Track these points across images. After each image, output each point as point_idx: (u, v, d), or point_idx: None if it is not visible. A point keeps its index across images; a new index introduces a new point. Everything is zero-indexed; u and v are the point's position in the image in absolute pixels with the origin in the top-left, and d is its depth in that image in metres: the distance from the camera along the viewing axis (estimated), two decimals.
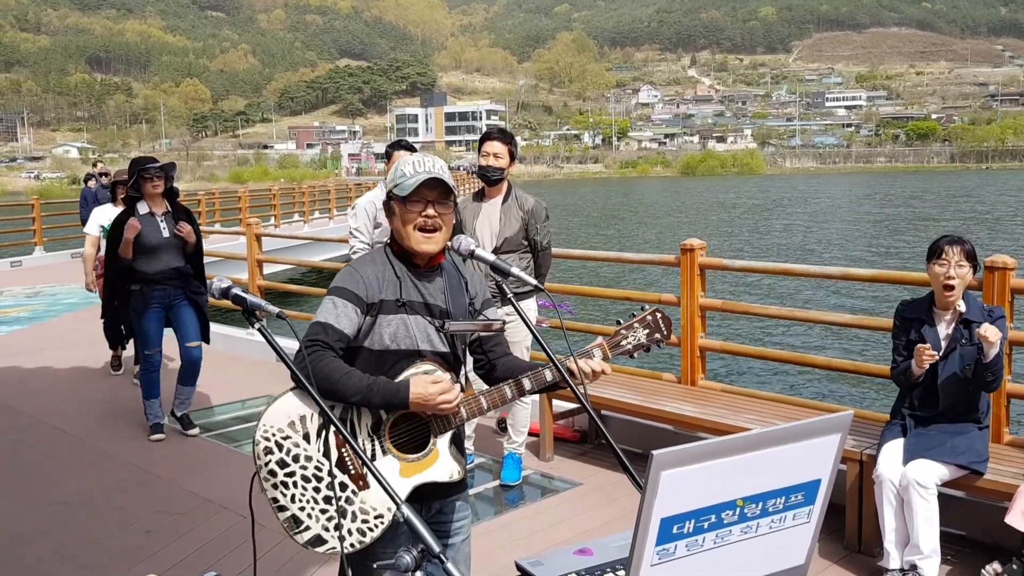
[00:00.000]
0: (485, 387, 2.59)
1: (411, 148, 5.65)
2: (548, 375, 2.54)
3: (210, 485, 5.49)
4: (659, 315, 2.66)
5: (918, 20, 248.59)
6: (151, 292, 6.21)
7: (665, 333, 2.65)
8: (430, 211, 2.51)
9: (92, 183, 15.04)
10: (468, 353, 2.74)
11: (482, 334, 2.68)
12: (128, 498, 5.35)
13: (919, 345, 3.96)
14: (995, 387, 4.00)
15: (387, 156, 5.69)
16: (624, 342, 2.63)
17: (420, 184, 2.49)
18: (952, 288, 4.00)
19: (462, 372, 2.67)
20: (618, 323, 2.66)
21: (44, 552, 4.58)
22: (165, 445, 6.43)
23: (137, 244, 6.14)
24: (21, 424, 6.98)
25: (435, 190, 2.52)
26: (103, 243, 7.22)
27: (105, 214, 7.56)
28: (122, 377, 8.62)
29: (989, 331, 3.81)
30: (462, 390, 2.57)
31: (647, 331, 2.63)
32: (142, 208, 6.24)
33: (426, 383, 2.41)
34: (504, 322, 2.66)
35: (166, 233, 6.21)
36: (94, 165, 17.95)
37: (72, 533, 4.83)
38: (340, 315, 2.46)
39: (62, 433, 6.70)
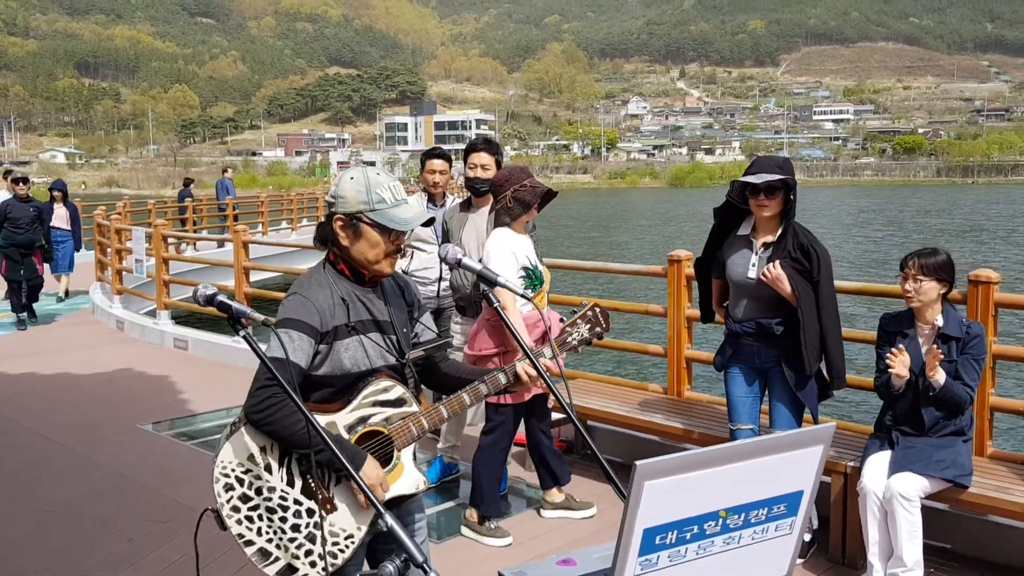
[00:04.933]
0: (445, 395, 2.63)
1: (446, 157, 5.72)
2: (502, 378, 2.60)
3: (194, 493, 5.46)
4: (598, 309, 2.80)
5: (905, 35, 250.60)
6: (738, 347, 4.34)
7: (604, 326, 2.79)
8: (400, 239, 2.54)
9: (21, 188, 11.95)
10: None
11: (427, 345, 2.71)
12: (111, 505, 5.31)
13: (891, 352, 3.99)
14: (958, 410, 4.01)
15: (421, 164, 5.75)
16: (569, 339, 2.76)
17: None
18: (911, 302, 4.05)
19: (412, 380, 2.68)
20: (561, 320, 2.78)
21: (27, 559, 4.55)
22: (148, 453, 6.39)
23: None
24: (4, 430, 6.92)
25: None
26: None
27: (512, 245, 4.59)
28: (109, 383, 8.57)
29: (937, 373, 3.91)
30: (417, 401, 2.59)
31: (588, 325, 2.80)
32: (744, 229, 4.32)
33: (375, 467, 2.42)
34: (452, 337, 2.72)
35: (752, 273, 4.20)
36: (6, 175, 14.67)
37: (55, 540, 4.79)
38: (297, 349, 2.41)
39: (45, 440, 6.65)
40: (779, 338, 4.17)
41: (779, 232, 4.17)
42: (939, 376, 3.91)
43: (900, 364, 3.95)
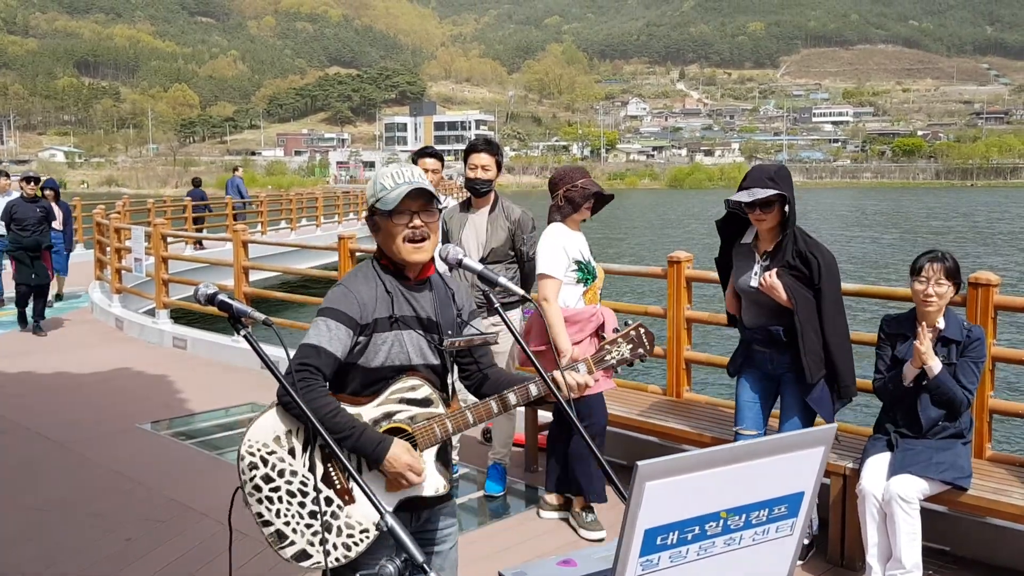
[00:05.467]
0: (471, 400, 2.60)
1: (438, 156, 5.73)
2: (533, 389, 2.55)
3: (192, 493, 5.46)
4: (642, 330, 2.68)
5: (905, 38, 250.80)
6: (750, 353, 4.41)
7: (648, 348, 2.68)
8: (416, 221, 2.52)
9: (30, 187, 11.32)
10: (454, 363, 2.75)
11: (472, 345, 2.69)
12: (109, 505, 5.31)
13: (916, 342, 3.96)
14: (955, 411, 4.01)
15: (413, 163, 5.75)
16: (608, 356, 2.66)
17: (405, 196, 2.49)
18: (929, 305, 4.03)
19: (450, 383, 2.67)
20: (601, 338, 2.69)
21: (25, 558, 4.54)
22: (146, 452, 6.39)
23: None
24: (2, 429, 6.92)
25: (419, 200, 2.52)
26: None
27: (563, 240, 4.68)
28: (108, 382, 8.57)
29: (926, 357, 3.90)
30: (448, 404, 2.57)
31: (631, 346, 2.66)
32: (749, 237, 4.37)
33: (404, 451, 2.41)
34: (496, 335, 2.67)
35: (754, 282, 4.24)
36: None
37: (53, 539, 4.78)
38: (333, 338, 2.45)
39: (43, 438, 6.65)
40: (788, 344, 4.15)
41: (778, 241, 4.16)
42: (934, 363, 3.91)
43: (928, 354, 3.94)
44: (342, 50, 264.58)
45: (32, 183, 11.40)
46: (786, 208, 4.09)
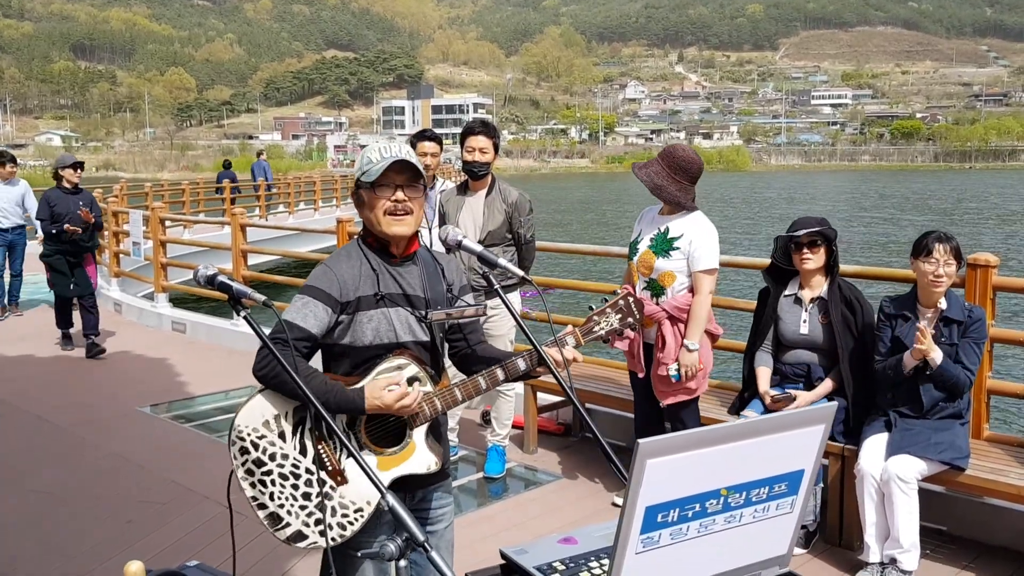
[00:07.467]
0: (460, 377, 2.59)
1: (437, 139, 5.67)
2: (521, 364, 2.54)
3: (192, 475, 5.47)
4: (631, 299, 2.64)
5: (904, 19, 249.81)
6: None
7: (638, 317, 2.64)
8: (399, 195, 2.50)
9: (76, 174, 8.87)
10: (444, 340, 2.74)
11: (460, 320, 2.67)
12: (109, 487, 5.32)
13: (919, 325, 4.01)
14: (957, 392, 4.03)
15: (412, 147, 5.69)
16: (597, 328, 2.62)
17: (387, 168, 2.48)
18: (940, 286, 4.03)
19: (441, 360, 2.66)
20: (590, 309, 2.66)
21: (26, 541, 4.56)
22: (145, 434, 6.40)
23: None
24: (1, 412, 6.93)
25: (403, 174, 2.51)
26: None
27: (639, 222, 5.22)
28: (107, 366, 8.57)
29: (927, 350, 3.93)
30: (436, 382, 2.57)
31: (619, 316, 2.63)
32: None
33: (380, 391, 2.39)
34: (485, 306, 2.65)
35: (804, 329, 4.54)
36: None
37: (53, 522, 4.80)
38: (307, 314, 2.45)
39: (43, 422, 6.66)
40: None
41: (827, 285, 4.45)
42: (936, 355, 3.92)
43: (930, 347, 3.95)
44: (339, 33, 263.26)
45: (78, 169, 8.93)
46: (833, 247, 4.39)
